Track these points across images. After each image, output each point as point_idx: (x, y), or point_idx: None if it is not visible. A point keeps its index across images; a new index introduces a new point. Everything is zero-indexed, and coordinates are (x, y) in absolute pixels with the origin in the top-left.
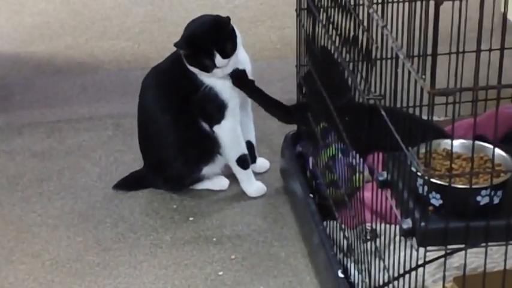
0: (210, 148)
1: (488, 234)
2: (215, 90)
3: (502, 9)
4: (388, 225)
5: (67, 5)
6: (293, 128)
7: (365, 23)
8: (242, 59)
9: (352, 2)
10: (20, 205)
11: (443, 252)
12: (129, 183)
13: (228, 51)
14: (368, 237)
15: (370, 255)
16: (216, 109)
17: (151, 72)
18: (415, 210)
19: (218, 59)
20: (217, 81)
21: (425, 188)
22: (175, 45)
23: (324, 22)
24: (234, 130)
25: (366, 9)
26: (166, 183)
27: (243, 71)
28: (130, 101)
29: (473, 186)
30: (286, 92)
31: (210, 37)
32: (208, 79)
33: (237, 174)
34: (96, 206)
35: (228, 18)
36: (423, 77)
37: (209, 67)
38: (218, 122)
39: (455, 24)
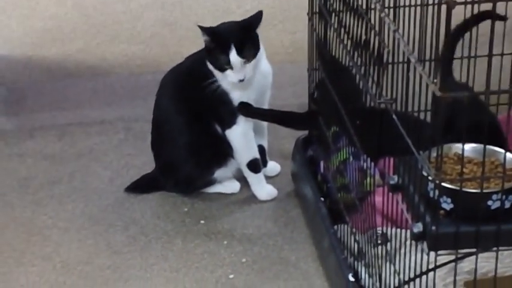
0: (223, 151)
1: (499, 238)
2: (230, 96)
3: None
4: (399, 229)
5: (78, 10)
6: (304, 132)
7: (377, 27)
8: (265, 70)
9: (364, 6)
10: (31, 208)
11: (454, 257)
12: (140, 187)
13: (245, 51)
14: (379, 241)
15: (380, 259)
16: (229, 114)
17: (170, 72)
18: (426, 215)
19: (233, 55)
20: (233, 87)
21: (436, 192)
22: (200, 26)
23: (335, 26)
24: (246, 135)
25: (377, 13)
26: (177, 185)
27: (248, 104)
28: (141, 105)
29: (485, 191)
30: (297, 96)
31: (231, 31)
32: (225, 83)
33: (248, 178)
34: (107, 209)
35: (258, 15)
36: (435, 81)
37: (223, 63)
38: (229, 126)
39: None
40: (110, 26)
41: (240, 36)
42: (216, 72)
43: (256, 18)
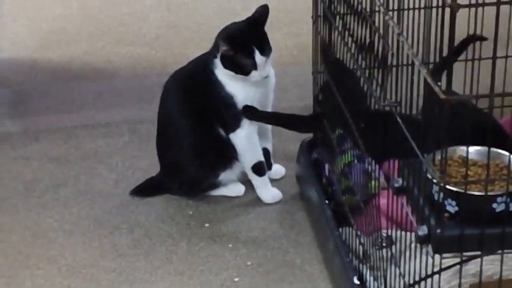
0: (228, 154)
1: (504, 241)
2: (234, 100)
3: None
4: (403, 232)
5: (83, 11)
6: (309, 134)
7: (381, 30)
8: (270, 73)
9: (368, 9)
10: (36, 211)
11: (459, 259)
12: (145, 189)
13: (265, 48)
14: (384, 244)
15: (385, 262)
16: (233, 117)
17: (174, 75)
18: (430, 217)
19: (258, 56)
20: (239, 90)
21: (441, 194)
22: (221, 39)
23: (340, 29)
24: (250, 138)
25: (382, 16)
26: (182, 187)
27: (252, 107)
28: (147, 107)
29: (489, 193)
30: (302, 98)
31: (249, 34)
32: (230, 86)
33: (253, 181)
34: (112, 211)
35: (263, 8)
36: (439, 84)
37: (248, 67)
38: (234, 130)
39: (471, 31)
40: (115, 28)
41: (257, 36)
42: (226, 78)
43: (263, 14)
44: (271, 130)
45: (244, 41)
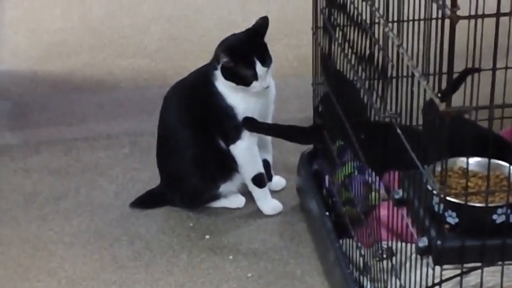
0: (228, 165)
1: (505, 252)
2: (235, 111)
3: None
4: (404, 244)
5: (84, 23)
6: (309, 146)
7: (381, 42)
8: (271, 84)
9: (368, 21)
10: (36, 223)
11: (459, 271)
12: (146, 201)
13: (266, 59)
14: (384, 256)
15: (386, 274)
16: (233, 129)
17: (175, 86)
18: (431, 229)
19: (259, 67)
20: (240, 101)
21: (441, 206)
22: (221, 52)
23: (340, 40)
24: (250, 150)
25: (381, 27)
26: (182, 199)
27: (252, 118)
28: (147, 119)
29: (490, 205)
30: (302, 109)
31: (249, 45)
32: (231, 98)
33: (253, 193)
34: (113, 223)
35: (263, 20)
36: (439, 95)
37: (249, 78)
38: (234, 141)
39: (471, 42)
40: (116, 40)
41: (257, 47)
42: (226, 89)
43: (263, 25)
44: (271, 142)
45: (245, 52)
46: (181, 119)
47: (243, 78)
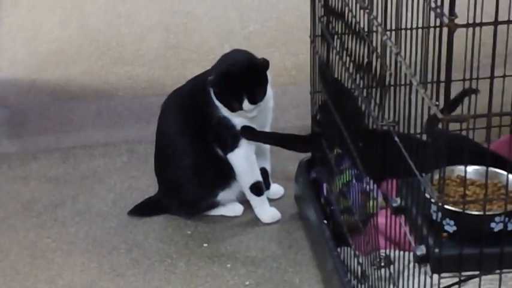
0: (226, 173)
1: (503, 260)
2: (232, 122)
3: None
4: (402, 252)
5: (82, 32)
6: (307, 154)
7: (379, 50)
8: (267, 94)
9: (366, 29)
10: (34, 231)
11: (457, 279)
12: (144, 209)
13: (257, 98)
14: (382, 264)
15: (384, 282)
16: (231, 138)
17: (172, 95)
18: (429, 237)
19: (246, 104)
20: (236, 114)
21: (439, 214)
22: (208, 83)
23: (338, 49)
24: (248, 158)
25: (379, 35)
26: (181, 207)
27: (250, 127)
28: (145, 127)
29: (488, 213)
30: (300, 118)
31: (242, 81)
32: (226, 112)
33: (251, 201)
34: (111, 232)
35: (265, 63)
36: (437, 103)
37: (235, 108)
38: (231, 150)
39: (469, 50)
40: (114, 48)
41: (250, 84)
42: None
43: (265, 66)
44: (269, 150)
45: (235, 87)
46: (179, 127)
47: (229, 104)
